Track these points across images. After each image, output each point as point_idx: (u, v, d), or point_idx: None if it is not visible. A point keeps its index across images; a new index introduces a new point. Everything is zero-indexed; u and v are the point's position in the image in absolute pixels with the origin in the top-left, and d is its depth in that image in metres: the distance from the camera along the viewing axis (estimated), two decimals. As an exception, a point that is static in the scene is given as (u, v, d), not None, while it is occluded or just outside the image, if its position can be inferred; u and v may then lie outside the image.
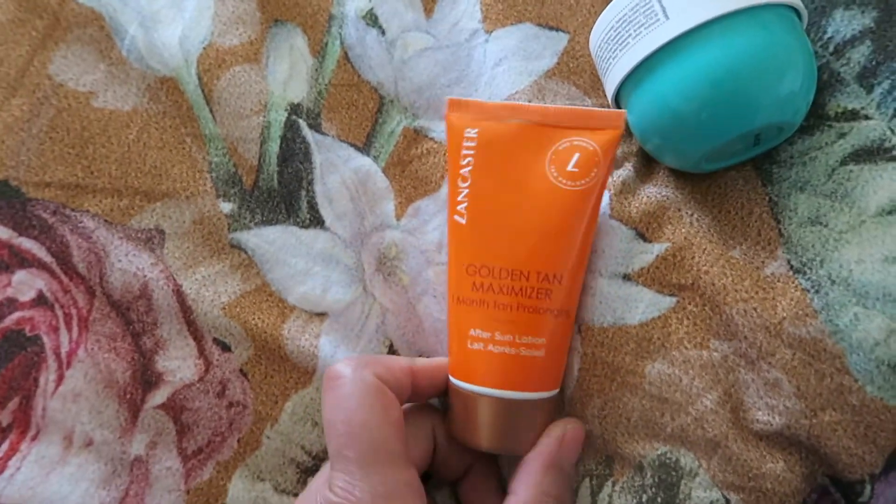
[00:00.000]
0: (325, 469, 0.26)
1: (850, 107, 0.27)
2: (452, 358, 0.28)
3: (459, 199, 0.27)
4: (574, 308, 0.28)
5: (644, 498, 0.27)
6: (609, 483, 0.28)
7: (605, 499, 0.28)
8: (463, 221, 0.27)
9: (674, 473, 0.27)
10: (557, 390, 0.28)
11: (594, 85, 0.31)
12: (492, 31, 0.33)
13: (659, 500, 0.27)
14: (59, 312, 0.31)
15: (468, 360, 0.27)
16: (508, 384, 0.26)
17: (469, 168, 0.27)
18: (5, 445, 0.30)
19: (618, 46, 0.26)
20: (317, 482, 0.27)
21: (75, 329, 0.31)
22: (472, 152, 0.27)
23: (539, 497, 0.26)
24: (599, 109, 0.27)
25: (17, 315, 0.31)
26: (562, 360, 0.28)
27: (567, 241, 0.27)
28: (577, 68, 0.32)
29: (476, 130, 0.27)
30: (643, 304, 0.28)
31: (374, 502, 0.23)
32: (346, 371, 0.25)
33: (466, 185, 0.27)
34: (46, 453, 0.30)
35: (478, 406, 0.26)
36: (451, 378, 0.28)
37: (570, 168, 0.26)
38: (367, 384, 0.25)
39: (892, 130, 0.26)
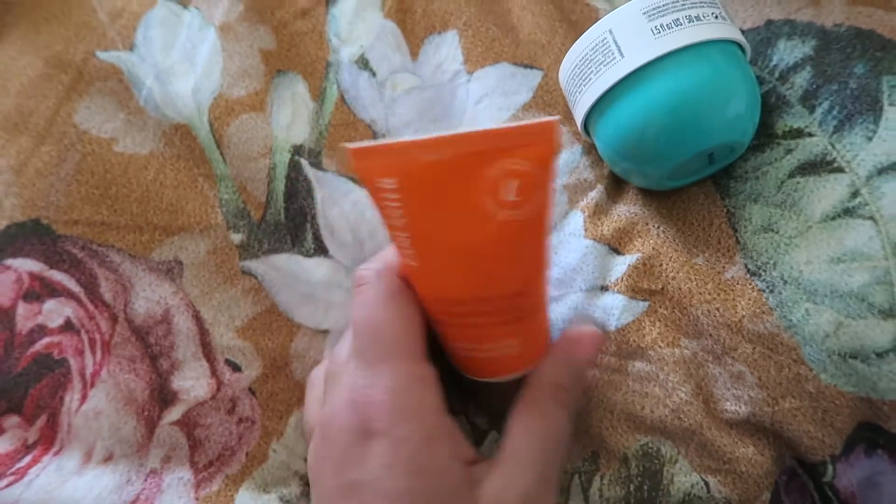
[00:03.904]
0: (350, 366, 0.26)
1: (795, 126, 0.30)
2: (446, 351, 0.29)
3: (403, 246, 0.25)
4: (544, 299, 0.28)
5: (631, 487, 0.30)
6: (597, 477, 0.31)
7: (596, 493, 0.30)
8: (416, 264, 0.26)
9: (656, 461, 0.30)
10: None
11: (567, 115, 0.35)
12: (473, 72, 0.36)
13: (645, 487, 0.29)
14: (85, 337, 0.34)
15: (458, 360, 0.28)
16: (497, 374, 0.28)
17: (403, 219, 0.24)
18: (28, 458, 0.33)
19: (582, 82, 0.29)
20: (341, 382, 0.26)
21: (99, 352, 0.34)
22: (397, 203, 0.24)
23: (548, 387, 0.26)
24: (525, 124, 0.23)
25: (46, 340, 0.34)
26: (543, 337, 0.28)
27: (524, 262, 0.25)
28: (551, 101, 0.35)
29: (392, 180, 0.24)
30: (619, 310, 0.31)
31: (386, 395, 0.24)
32: (369, 275, 0.26)
33: (406, 234, 0.25)
34: (66, 465, 0.32)
35: (475, 384, 0.28)
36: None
37: (508, 198, 0.23)
38: (386, 285, 0.26)
39: (832, 146, 0.30)
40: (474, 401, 0.32)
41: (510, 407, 0.27)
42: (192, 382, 0.33)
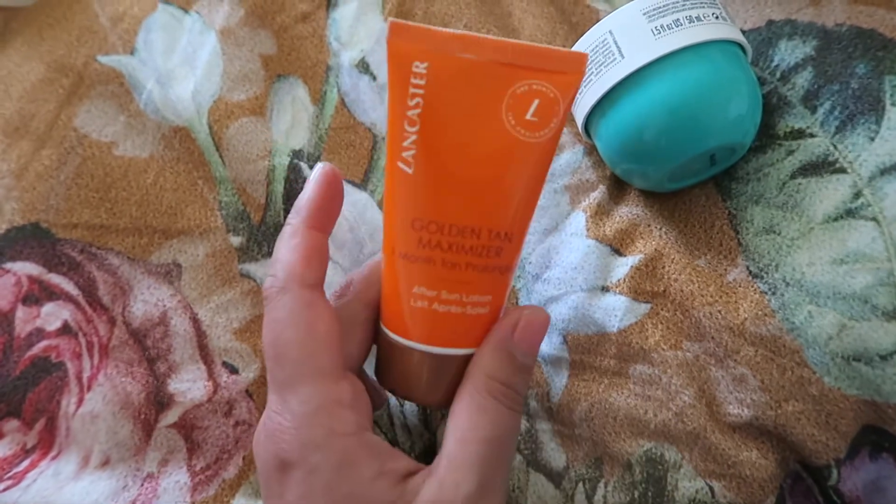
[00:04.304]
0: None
1: (796, 126, 0.30)
2: (387, 310, 0.25)
3: (405, 144, 0.23)
4: (515, 264, 0.25)
5: (636, 494, 0.29)
6: (601, 484, 0.30)
7: (601, 500, 0.30)
8: (409, 171, 0.23)
9: (660, 467, 0.29)
10: None
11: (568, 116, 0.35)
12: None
13: (650, 494, 0.29)
14: (83, 340, 0.34)
15: (409, 317, 0.25)
16: (451, 342, 0.24)
17: (417, 111, 0.23)
18: (26, 462, 0.32)
19: (582, 83, 0.29)
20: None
21: (96, 355, 0.33)
22: (420, 91, 0.23)
23: (484, 381, 0.23)
24: (560, 49, 0.23)
25: (44, 343, 0.34)
26: (500, 313, 0.26)
27: (522, 197, 0.24)
28: (551, 104, 0.35)
29: (425, 65, 0.23)
30: (621, 312, 0.31)
31: (298, 422, 0.22)
32: (273, 292, 0.24)
33: (414, 129, 0.23)
34: (63, 470, 0.32)
35: (415, 361, 0.25)
36: (384, 329, 0.26)
37: (528, 117, 0.23)
38: (292, 300, 0.23)
39: (834, 146, 0.29)
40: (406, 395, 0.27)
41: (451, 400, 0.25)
42: (189, 385, 0.33)
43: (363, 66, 0.37)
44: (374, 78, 0.37)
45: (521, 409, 0.25)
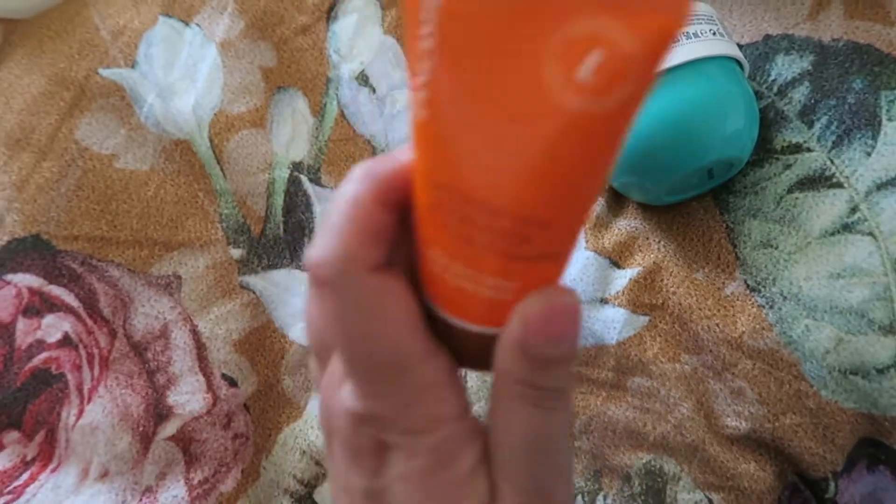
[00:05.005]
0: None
1: (793, 141, 0.31)
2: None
3: (418, 83, 0.18)
4: (563, 253, 0.19)
5: (631, 507, 0.29)
6: (601, 497, 0.30)
7: (596, 512, 0.30)
8: (423, 116, 0.18)
9: (659, 479, 0.29)
10: None
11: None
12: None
13: (644, 507, 0.29)
14: (83, 352, 0.34)
15: (428, 271, 0.20)
16: (465, 314, 0.20)
17: (430, 43, 0.17)
18: (26, 475, 0.32)
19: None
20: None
21: (97, 367, 0.33)
22: (433, 17, 0.16)
23: (504, 380, 0.20)
24: None
25: (44, 355, 0.34)
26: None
27: (566, 179, 0.17)
28: (550, 117, 0.35)
29: None
30: (620, 324, 0.31)
31: (396, 411, 0.19)
32: (331, 275, 0.19)
33: (427, 67, 0.17)
34: (62, 483, 0.32)
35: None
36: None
37: (582, 74, 0.15)
38: (359, 291, 0.19)
39: (831, 161, 0.30)
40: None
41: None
42: (188, 397, 0.33)
43: (363, 79, 0.38)
44: (374, 90, 0.37)
45: (564, 405, 0.20)
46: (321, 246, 0.19)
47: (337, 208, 0.20)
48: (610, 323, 0.31)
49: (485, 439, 0.20)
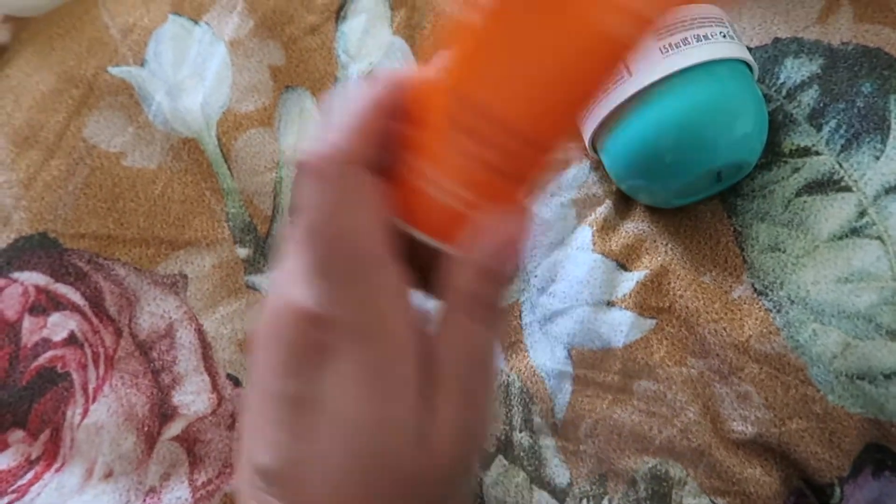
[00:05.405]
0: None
1: (802, 144, 0.30)
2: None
3: None
4: (539, 176, 0.20)
5: (636, 510, 0.29)
6: (606, 501, 0.30)
7: (601, 515, 0.30)
8: (477, 21, 0.18)
9: (665, 484, 0.29)
10: None
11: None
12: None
13: (650, 511, 0.29)
14: (88, 351, 0.34)
15: (404, 192, 0.20)
16: (428, 229, 0.20)
17: None
18: (30, 474, 0.32)
19: (589, 99, 0.30)
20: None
21: (102, 367, 0.34)
22: None
23: (456, 295, 0.21)
24: None
25: (50, 353, 0.34)
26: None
27: (571, 101, 0.19)
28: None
29: None
30: (627, 327, 0.31)
31: (349, 320, 0.19)
32: (330, 167, 0.20)
33: None
34: (67, 482, 0.32)
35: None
36: None
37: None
38: (352, 184, 0.19)
39: (839, 164, 0.30)
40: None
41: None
42: (193, 397, 0.33)
43: (370, 79, 0.38)
44: (382, 91, 0.37)
45: (500, 324, 0.21)
46: (327, 141, 0.20)
47: (352, 105, 0.21)
48: (616, 326, 0.31)
49: (427, 354, 0.21)
